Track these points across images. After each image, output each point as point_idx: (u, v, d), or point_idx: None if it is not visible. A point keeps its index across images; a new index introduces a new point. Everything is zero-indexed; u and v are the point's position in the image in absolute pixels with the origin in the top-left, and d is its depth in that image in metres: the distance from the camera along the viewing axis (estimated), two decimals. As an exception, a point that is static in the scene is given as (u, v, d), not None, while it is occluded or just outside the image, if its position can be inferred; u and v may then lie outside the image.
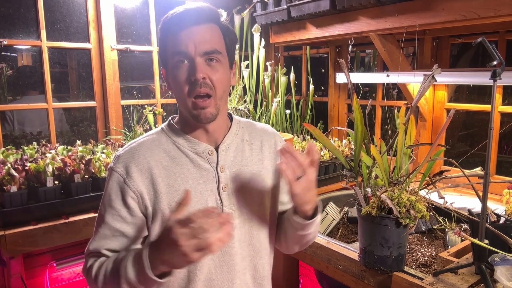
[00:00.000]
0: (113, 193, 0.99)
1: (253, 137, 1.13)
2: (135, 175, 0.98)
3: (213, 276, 1.02)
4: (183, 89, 0.96)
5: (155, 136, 1.06)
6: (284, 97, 2.83)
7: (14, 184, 1.66)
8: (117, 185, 0.99)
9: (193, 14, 0.96)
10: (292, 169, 0.90)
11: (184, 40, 0.95)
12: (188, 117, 1.01)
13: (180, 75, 0.96)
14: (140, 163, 0.99)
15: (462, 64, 2.68)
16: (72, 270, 2.20)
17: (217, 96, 0.98)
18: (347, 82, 1.47)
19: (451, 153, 2.66)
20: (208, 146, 1.04)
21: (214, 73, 0.97)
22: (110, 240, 0.98)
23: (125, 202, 0.98)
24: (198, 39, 0.95)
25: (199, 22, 0.96)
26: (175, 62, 0.96)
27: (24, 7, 2.32)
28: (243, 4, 2.83)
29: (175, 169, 1.01)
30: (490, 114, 1.14)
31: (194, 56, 0.94)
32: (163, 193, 0.98)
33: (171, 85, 1.01)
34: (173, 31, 0.96)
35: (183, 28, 0.95)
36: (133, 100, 2.65)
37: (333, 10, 2.15)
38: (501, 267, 1.13)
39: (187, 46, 0.94)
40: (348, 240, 1.77)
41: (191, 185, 1.00)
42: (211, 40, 0.97)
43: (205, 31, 0.96)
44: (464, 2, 1.65)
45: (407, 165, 1.38)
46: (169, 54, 0.98)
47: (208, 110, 0.97)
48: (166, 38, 0.98)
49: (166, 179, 0.99)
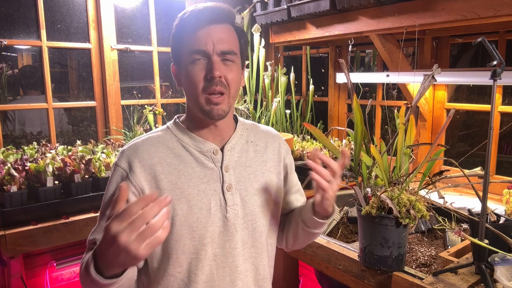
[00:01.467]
0: (116, 187, 0.99)
1: (257, 138, 1.13)
2: (137, 170, 0.98)
3: (215, 277, 1.01)
4: (198, 86, 0.96)
5: (161, 134, 1.06)
6: (284, 97, 2.83)
7: (14, 184, 1.66)
8: (120, 179, 0.99)
9: (212, 13, 0.97)
10: (324, 176, 0.94)
11: (203, 38, 0.95)
12: (196, 115, 1.02)
13: (196, 72, 0.96)
14: (144, 159, 0.99)
15: (462, 64, 2.68)
16: (72, 270, 2.20)
17: (230, 94, 0.99)
18: (347, 82, 1.47)
19: (451, 153, 2.66)
20: (213, 145, 1.04)
21: (229, 72, 0.98)
22: None
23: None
24: (217, 38, 0.96)
25: (218, 21, 0.97)
26: (192, 59, 0.97)
27: (24, 7, 2.32)
28: (243, 4, 2.83)
29: (179, 166, 1.00)
30: (490, 114, 1.14)
31: (212, 54, 0.95)
32: (166, 190, 0.98)
33: (183, 81, 1.02)
34: (191, 29, 0.97)
35: (203, 26, 0.96)
36: (133, 100, 2.65)
37: (333, 10, 2.15)
38: (501, 267, 1.13)
39: (206, 44, 0.95)
40: (348, 240, 1.77)
41: (194, 184, 1.00)
42: (228, 41, 0.98)
43: (223, 31, 0.98)
44: (464, 2, 1.65)
45: (407, 165, 1.38)
46: (184, 51, 0.98)
47: (221, 107, 0.98)
48: (183, 35, 0.99)
49: (169, 176, 0.99)
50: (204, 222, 0.99)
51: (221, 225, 1.01)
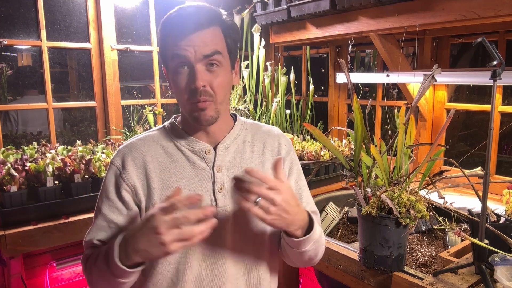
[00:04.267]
0: (110, 185, 1.00)
1: (256, 138, 1.10)
2: (130, 168, 0.99)
3: (203, 277, 1.00)
4: (183, 95, 0.95)
5: (156, 133, 1.06)
6: (284, 97, 2.83)
7: (14, 184, 1.66)
8: (114, 177, 1.00)
9: (193, 16, 0.94)
10: (261, 197, 0.84)
11: (183, 44, 0.91)
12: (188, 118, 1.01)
13: (180, 81, 0.94)
14: (136, 157, 1.00)
15: (462, 64, 2.68)
16: (72, 270, 2.19)
17: (218, 101, 0.96)
18: (347, 82, 1.47)
19: (451, 153, 2.66)
20: (206, 145, 1.03)
21: (215, 79, 0.94)
22: (105, 232, 0.98)
23: (120, 195, 0.98)
24: (198, 43, 0.91)
25: (198, 25, 0.92)
26: (175, 66, 0.94)
27: (24, 7, 2.32)
28: (243, 4, 2.83)
29: (170, 165, 1.00)
30: (490, 114, 1.14)
31: (194, 62, 0.92)
32: (156, 189, 0.98)
33: (172, 86, 1.00)
34: (172, 34, 0.94)
35: (182, 32, 0.92)
36: (133, 100, 2.65)
37: (333, 10, 2.15)
38: (501, 267, 1.13)
39: (186, 51, 0.91)
40: (348, 240, 1.77)
41: (185, 183, 0.99)
42: (211, 43, 0.93)
43: (204, 35, 0.93)
44: (464, 2, 1.65)
45: (407, 165, 1.38)
46: (169, 56, 0.96)
47: (207, 113, 0.95)
48: (166, 39, 0.96)
49: (160, 175, 0.99)
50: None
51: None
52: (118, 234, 0.96)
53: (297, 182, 1.13)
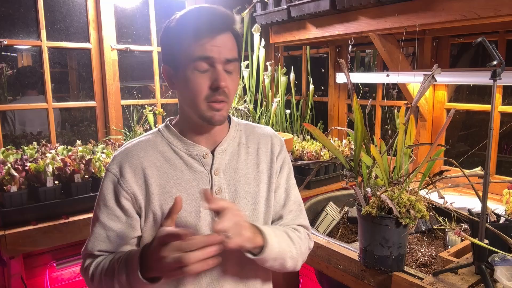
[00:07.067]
0: (107, 192, 0.99)
1: (250, 140, 1.11)
2: (128, 175, 0.98)
3: (202, 279, 1.01)
4: (200, 94, 0.94)
5: (151, 137, 1.05)
6: (284, 97, 2.84)
7: (14, 184, 1.66)
8: (112, 185, 0.99)
9: (214, 17, 0.94)
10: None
11: (208, 45, 0.92)
12: (192, 119, 1.00)
13: (199, 81, 0.93)
14: (134, 163, 0.99)
15: (462, 64, 2.68)
16: (72, 270, 2.20)
17: (229, 102, 0.99)
18: (347, 82, 1.47)
19: (451, 153, 2.66)
20: (203, 148, 1.03)
21: (231, 82, 0.96)
22: (105, 241, 0.98)
23: (119, 202, 0.98)
24: (223, 46, 0.93)
25: (220, 27, 0.94)
26: (194, 66, 0.93)
27: (24, 7, 2.32)
28: (243, 4, 2.83)
29: (168, 170, 1.00)
30: (490, 114, 1.14)
31: (218, 63, 0.93)
32: (155, 194, 0.98)
33: (180, 86, 0.99)
34: (193, 34, 0.92)
35: (206, 32, 0.92)
36: (133, 100, 2.65)
37: (333, 10, 2.15)
38: (501, 267, 1.13)
39: (211, 51, 0.92)
40: (348, 240, 1.77)
41: (183, 188, 1.00)
42: (232, 47, 0.96)
43: (228, 38, 0.95)
44: (464, 2, 1.65)
45: (407, 165, 1.38)
46: (184, 56, 0.94)
47: (222, 113, 0.97)
48: (182, 39, 0.94)
49: (158, 180, 0.99)
50: (194, 225, 0.98)
51: (211, 229, 0.99)
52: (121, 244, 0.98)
53: (287, 180, 1.15)
